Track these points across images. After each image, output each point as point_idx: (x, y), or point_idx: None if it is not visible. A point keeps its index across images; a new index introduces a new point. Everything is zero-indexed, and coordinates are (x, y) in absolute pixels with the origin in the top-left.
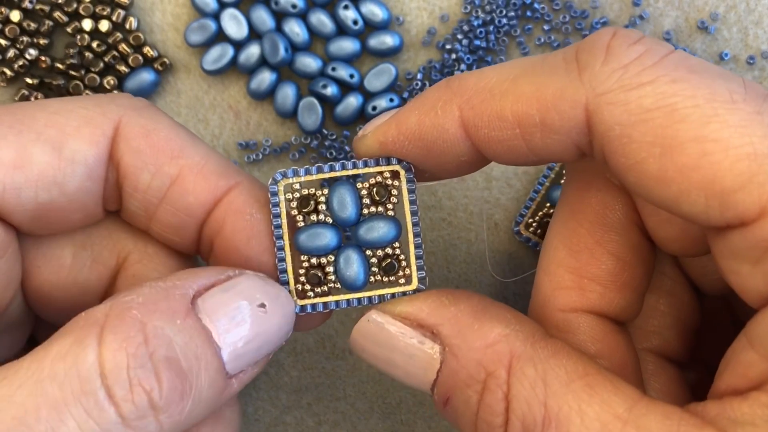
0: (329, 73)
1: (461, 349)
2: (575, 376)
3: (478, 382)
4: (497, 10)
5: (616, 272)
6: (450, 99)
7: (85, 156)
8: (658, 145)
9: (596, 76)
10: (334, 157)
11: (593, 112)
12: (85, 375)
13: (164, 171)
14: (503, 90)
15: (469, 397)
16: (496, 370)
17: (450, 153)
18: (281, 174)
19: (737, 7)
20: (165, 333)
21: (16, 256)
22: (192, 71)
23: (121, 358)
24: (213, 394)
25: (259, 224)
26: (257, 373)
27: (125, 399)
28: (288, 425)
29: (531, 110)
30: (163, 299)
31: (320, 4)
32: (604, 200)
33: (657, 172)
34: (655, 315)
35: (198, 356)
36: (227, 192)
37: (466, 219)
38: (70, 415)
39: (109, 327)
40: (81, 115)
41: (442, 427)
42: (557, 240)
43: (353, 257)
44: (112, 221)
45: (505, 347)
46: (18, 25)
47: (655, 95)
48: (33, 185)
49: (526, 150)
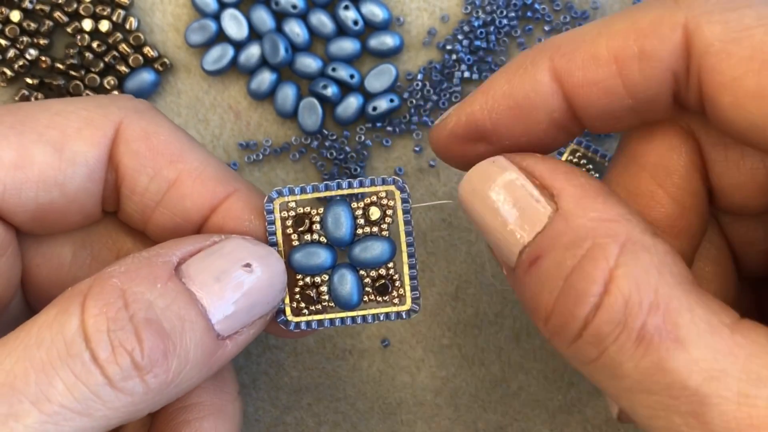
0: (329, 74)
1: (575, 215)
2: (686, 280)
3: (580, 248)
4: (498, 11)
5: (675, 217)
6: (540, 52)
7: (86, 157)
8: (757, 60)
9: (694, 0)
10: (334, 157)
11: (693, 31)
12: (71, 339)
13: (162, 175)
14: (596, 33)
15: (564, 259)
16: (607, 243)
17: (542, 109)
18: (277, 192)
19: None
20: (144, 297)
21: (16, 255)
22: (192, 71)
23: (101, 322)
24: (202, 356)
25: (257, 231)
26: (255, 335)
27: (109, 361)
28: (288, 425)
29: (628, 42)
30: (145, 267)
31: (320, 5)
32: (671, 143)
33: (754, 88)
34: (702, 281)
35: (181, 317)
36: (225, 198)
37: (466, 219)
38: (59, 378)
39: (90, 295)
40: (82, 116)
41: (443, 427)
42: (615, 184)
43: (347, 277)
44: (111, 220)
45: (623, 227)
46: (18, 25)
47: (756, 15)
48: (33, 186)
49: (622, 91)
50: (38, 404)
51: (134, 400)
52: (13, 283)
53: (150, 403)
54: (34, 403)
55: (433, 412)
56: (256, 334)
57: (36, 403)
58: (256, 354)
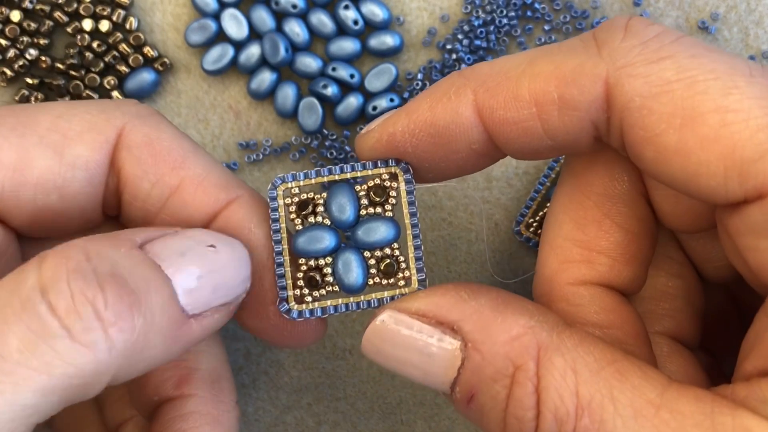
0: (329, 73)
1: (485, 344)
2: (604, 363)
3: (506, 377)
4: (498, 10)
5: (625, 244)
6: (464, 84)
7: (87, 161)
8: (678, 116)
9: (616, 50)
10: (334, 157)
11: (613, 85)
12: (26, 294)
13: (165, 181)
14: (520, 72)
15: (497, 393)
16: (525, 363)
17: (462, 140)
18: (280, 179)
19: (738, 7)
20: (108, 254)
21: (16, 258)
22: (192, 71)
23: (60, 272)
24: (168, 323)
25: (258, 239)
26: (220, 322)
27: (68, 310)
28: (288, 425)
29: (549, 87)
30: (108, 238)
31: (320, 4)
32: (612, 172)
33: (676, 144)
34: (666, 298)
35: (146, 278)
36: (227, 205)
37: (466, 219)
38: (12, 334)
39: (50, 253)
40: (85, 120)
41: (443, 427)
42: (562, 214)
43: (352, 259)
44: (112, 225)
45: (532, 339)
46: (18, 25)
47: (676, 68)
48: (32, 188)
49: (541, 132)
50: None
51: (97, 357)
52: None
53: (114, 366)
54: None
55: (433, 412)
56: (221, 322)
57: None
58: (256, 354)
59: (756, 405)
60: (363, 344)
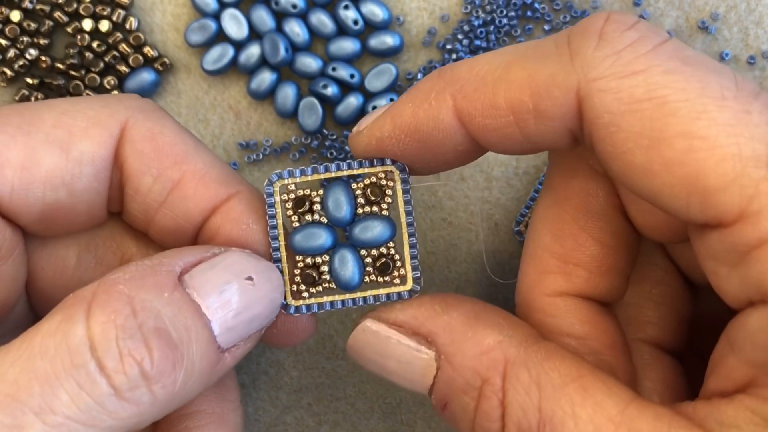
0: (329, 73)
1: (456, 357)
2: (569, 378)
3: (474, 389)
4: (497, 10)
5: (601, 257)
6: (443, 89)
7: (93, 157)
8: (645, 137)
9: (588, 61)
10: (334, 157)
11: (584, 98)
12: (75, 348)
13: (167, 175)
14: (496, 78)
15: (466, 404)
16: (492, 377)
17: (447, 144)
18: (277, 175)
19: (738, 7)
20: (153, 305)
21: (23, 258)
22: (192, 71)
23: (109, 329)
24: (205, 367)
25: (255, 235)
26: (250, 348)
27: (116, 370)
28: (288, 425)
29: (524, 97)
30: (149, 275)
31: (320, 4)
32: (587, 187)
33: (642, 164)
34: (649, 305)
35: (188, 327)
36: (227, 200)
37: (466, 219)
38: (63, 389)
39: (96, 302)
40: (89, 115)
41: (442, 427)
42: (541, 226)
43: (348, 257)
44: (115, 223)
45: (499, 354)
46: (18, 25)
47: (647, 85)
48: (41, 186)
49: (521, 137)
50: (42, 415)
51: (140, 410)
52: (19, 285)
53: (155, 413)
54: (38, 415)
55: (433, 412)
56: (251, 348)
57: (40, 415)
58: (256, 354)
59: (713, 427)
60: (347, 349)
